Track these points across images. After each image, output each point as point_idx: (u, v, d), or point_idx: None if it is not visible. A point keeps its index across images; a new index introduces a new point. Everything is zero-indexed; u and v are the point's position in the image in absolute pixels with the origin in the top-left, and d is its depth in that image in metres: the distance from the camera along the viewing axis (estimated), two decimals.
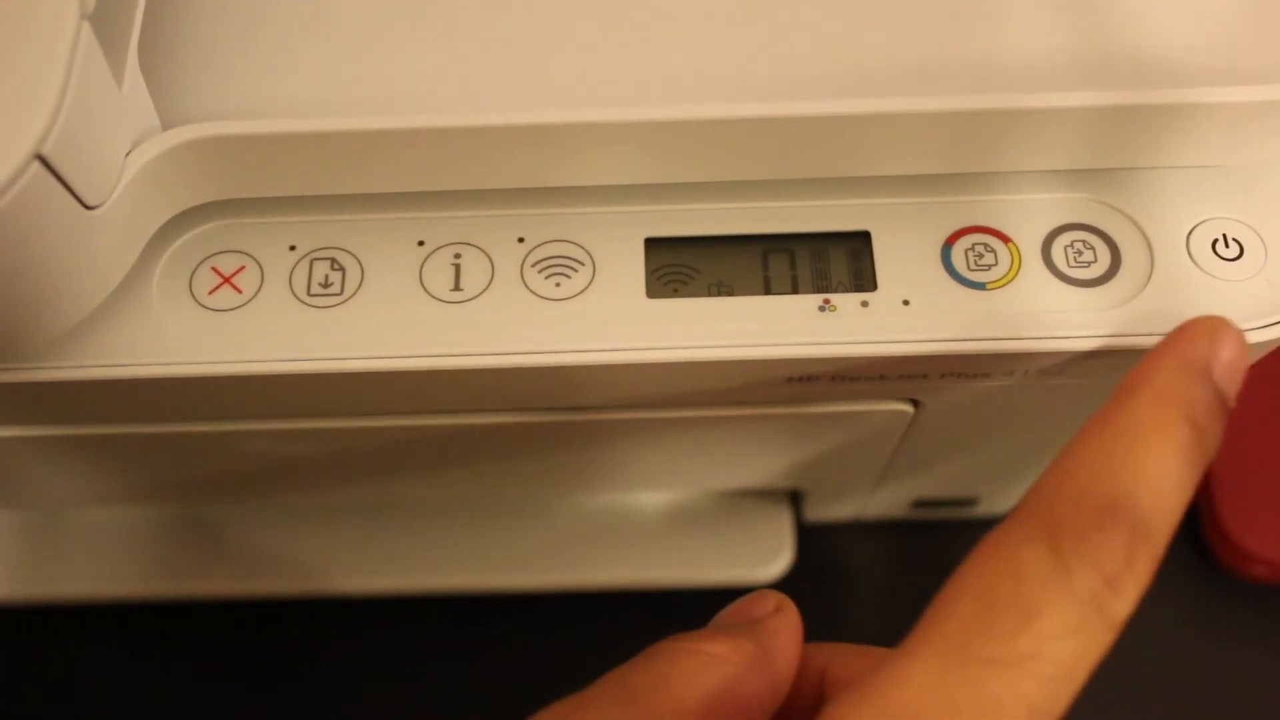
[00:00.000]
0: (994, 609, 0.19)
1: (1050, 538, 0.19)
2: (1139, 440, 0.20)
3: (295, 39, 0.26)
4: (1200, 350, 0.22)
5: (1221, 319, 0.22)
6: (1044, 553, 0.19)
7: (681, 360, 0.26)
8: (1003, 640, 0.18)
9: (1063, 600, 0.19)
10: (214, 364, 0.26)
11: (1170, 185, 0.28)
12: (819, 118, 0.25)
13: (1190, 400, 0.21)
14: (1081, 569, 0.19)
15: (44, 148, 0.20)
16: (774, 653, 0.23)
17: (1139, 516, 0.20)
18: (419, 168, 0.26)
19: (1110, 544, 0.19)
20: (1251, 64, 0.25)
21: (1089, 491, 0.20)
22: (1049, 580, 0.19)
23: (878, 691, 0.19)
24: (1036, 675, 0.18)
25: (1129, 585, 0.19)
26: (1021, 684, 0.18)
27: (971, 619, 0.19)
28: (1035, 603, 0.19)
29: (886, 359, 0.26)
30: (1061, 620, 0.19)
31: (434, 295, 0.27)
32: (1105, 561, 0.19)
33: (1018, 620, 0.19)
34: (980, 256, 0.27)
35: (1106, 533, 0.19)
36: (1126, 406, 0.21)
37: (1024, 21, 0.26)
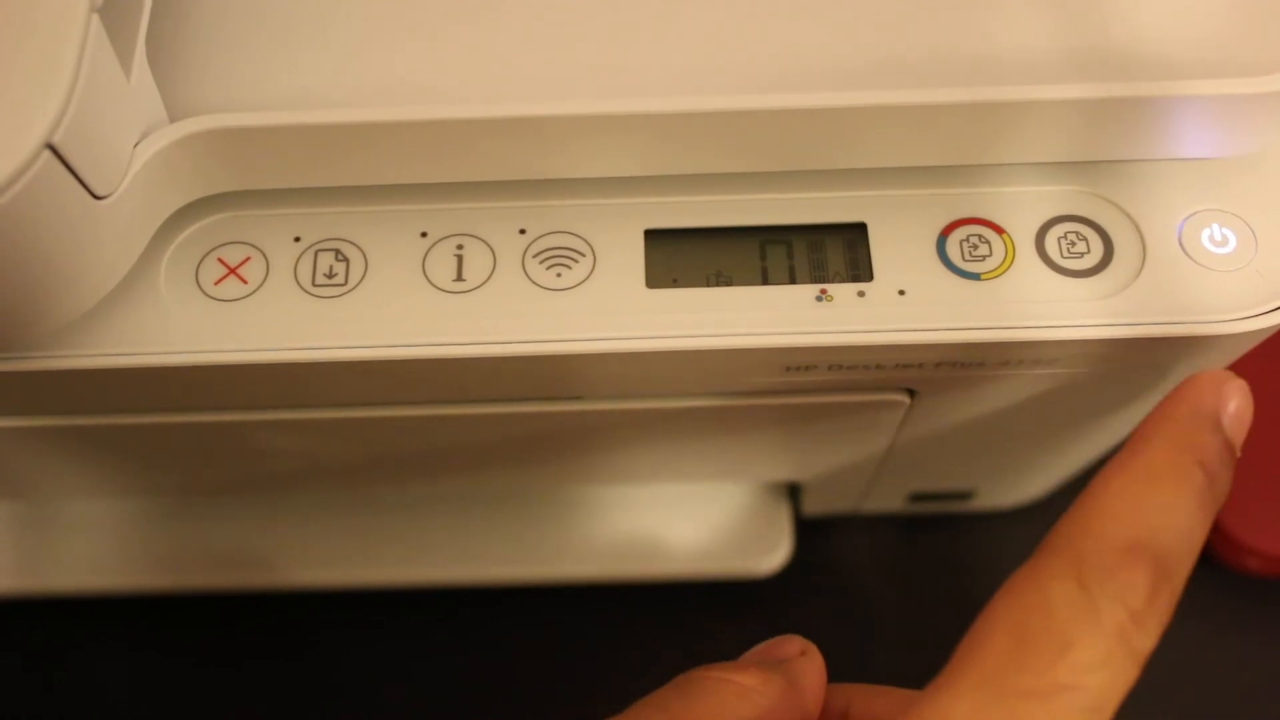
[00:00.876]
0: (1027, 643, 0.20)
1: (1078, 575, 0.20)
2: (1157, 484, 0.21)
3: (301, 32, 0.26)
4: (1209, 401, 0.23)
5: (1227, 373, 0.24)
6: (1072, 589, 0.20)
7: (680, 349, 0.27)
8: (1038, 673, 0.19)
9: (1093, 634, 0.20)
10: (219, 353, 0.26)
11: (1162, 177, 0.28)
12: (816, 110, 0.25)
13: (1203, 447, 0.22)
14: (1109, 604, 0.20)
15: (54, 138, 0.21)
16: (803, 690, 0.24)
17: (1160, 556, 0.20)
18: (422, 159, 0.26)
19: (1135, 581, 0.20)
20: (1242, 57, 0.26)
21: (1113, 532, 0.21)
22: (1079, 615, 0.20)
23: None
24: (1072, 706, 0.19)
25: (1152, 621, 0.20)
26: (1059, 715, 0.19)
27: (1006, 653, 0.20)
28: (1067, 636, 0.20)
29: (883, 348, 0.27)
30: (1093, 653, 0.19)
31: (437, 285, 0.27)
32: (1130, 598, 0.20)
33: (1052, 653, 0.19)
34: (975, 247, 0.27)
35: (1131, 571, 0.20)
36: (1144, 453, 0.22)
37: (1018, 14, 0.26)
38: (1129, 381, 0.30)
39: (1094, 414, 0.34)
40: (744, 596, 0.44)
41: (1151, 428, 0.23)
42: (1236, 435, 0.23)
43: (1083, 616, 0.20)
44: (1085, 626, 0.20)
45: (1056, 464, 0.40)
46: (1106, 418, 0.34)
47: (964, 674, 0.20)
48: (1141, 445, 0.22)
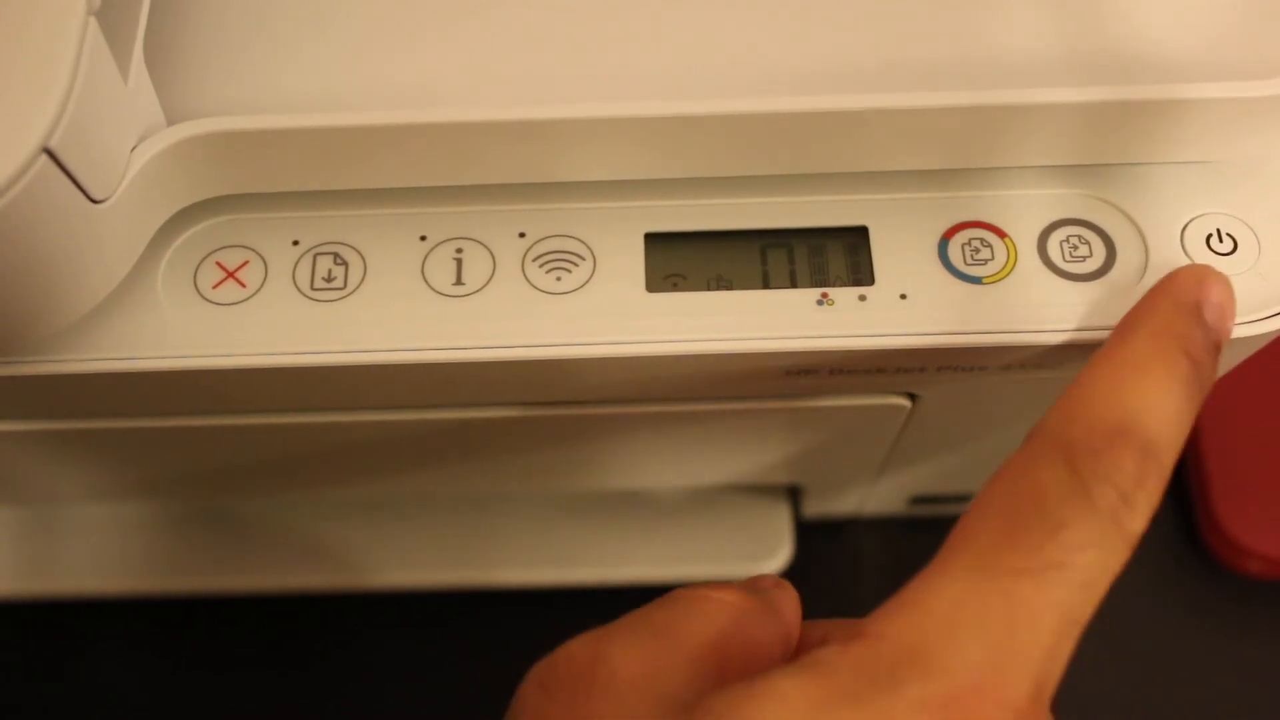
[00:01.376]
0: (1020, 524, 0.20)
1: (1067, 459, 0.21)
2: (1143, 370, 0.22)
3: (298, 35, 0.26)
4: (1191, 293, 0.23)
5: (1208, 267, 0.24)
6: (1062, 472, 0.21)
7: (681, 353, 0.26)
8: (1031, 552, 0.20)
9: (1084, 514, 0.20)
10: (217, 357, 0.26)
11: (1165, 181, 0.28)
12: (817, 113, 0.25)
13: (1186, 336, 0.23)
14: (1099, 486, 0.20)
15: (51, 141, 0.21)
16: (781, 612, 0.24)
17: (1147, 438, 0.21)
18: (421, 163, 0.26)
19: (1123, 463, 0.21)
20: (1245, 60, 0.26)
21: (1100, 416, 0.21)
22: (1069, 496, 0.20)
23: (915, 602, 0.20)
24: (1064, 583, 0.20)
25: (1141, 502, 0.21)
26: (1051, 591, 0.20)
27: (999, 534, 0.20)
28: (1058, 517, 0.20)
29: (884, 352, 0.27)
30: (1084, 532, 0.20)
31: (436, 289, 0.27)
32: (1119, 479, 0.21)
33: (1043, 533, 0.20)
34: (977, 251, 0.27)
35: (1119, 452, 0.21)
36: (1129, 341, 0.23)
37: (1020, 17, 0.26)
38: None
39: None
40: None
41: (1136, 318, 0.23)
42: (1219, 326, 0.24)
43: (1073, 497, 0.20)
44: (1076, 507, 0.20)
45: None
46: None
47: (957, 555, 0.20)
48: (1127, 334, 0.23)
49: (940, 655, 0.19)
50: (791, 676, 0.19)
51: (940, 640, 0.19)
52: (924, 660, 0.19)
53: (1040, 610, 0.20)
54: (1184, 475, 0.46)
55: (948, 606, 0.20)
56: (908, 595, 0.20)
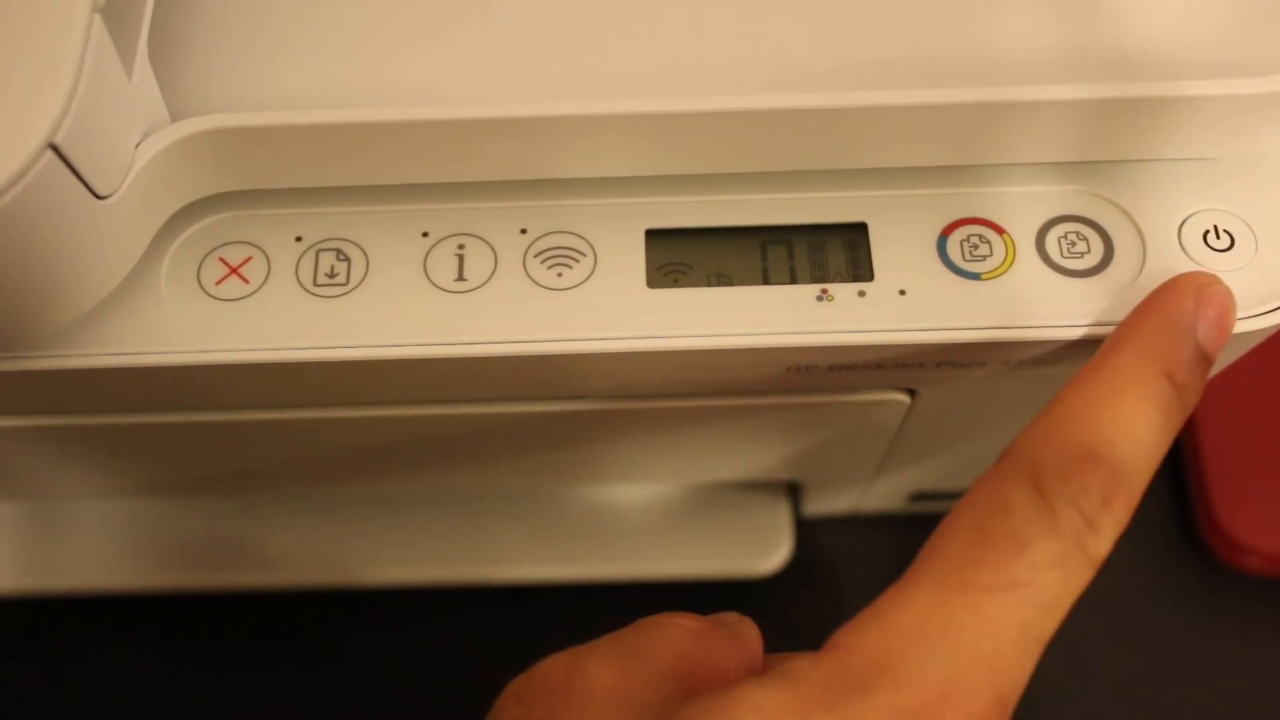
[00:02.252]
0: (986, 542, 0.21)
1: (1035, 480, 0.21)
2: (1119, 393, 0.22)
3: (302, 32, 0.26)
4: (1185, 309, 0.23)
5: (1210, 276, 0.24)
6: (1029, 493, 0.21)
7: (681, 349, 0.27)
8: (995, 569, 0.20)
9: (1048, 534, 0.21)
10: (221, 353, 0.26)
11: (1162, 177, 0.28)
12: (816, 110, 0.25)
13: (1171, 357, 0.23)
14: (1064, 508, 0.21)
15: (56, 137, 0.21)
16: (745, 638, 0.25)
17: (1116, 464, 0.21)
18: (423, 159, 0.26)
19: (1090, 487, 0.21)
20: (1242, 57, 0.26)
21: (1071, 438, 0.22)
22: (1035, 517, 0.21)
23: (882, 614, 0.21)
24: (1027, 600, 0.20)
25: (1106, 526, 0.21)
26: (1015, 608, 0.20)
27: (966, 550, 0.21)
28: (1024, 536, 0.21)
29: (883, 348, 0.27)
30: (1048, 552, 0.21)
31: (438, 285, 0.27)
32: (1085, 503, 0.21)
33: (1009, 551, 0.21)
34: (975, 247, 0.27)
35: (1086, 476, 0.21)
36: (1110, 361, 0.23)
37: (1018, 14, 0.26)
38: None
39: None
40: (744, 597, 0.44)
41: (1122, 335, 0.23)
42: (1213, 343, 0.24)
43: (1039, 518, 0.21)
44: (1041, 527, 0.21)
45: None
46: None
47: (925, 570, 0.21)
48: (1109, 354, 0.23)
49: (908, 665, 0.20)
50: (763, 686, 0.20)
51: (908, 651, 0.20)
52: (892, 670, 0.20)
53: (1003, 625, 0.20)
54: (1182, 472, 0.46)
55: (915, 619, 0.20)
56: (877, 608, 0.21)
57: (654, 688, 0.22)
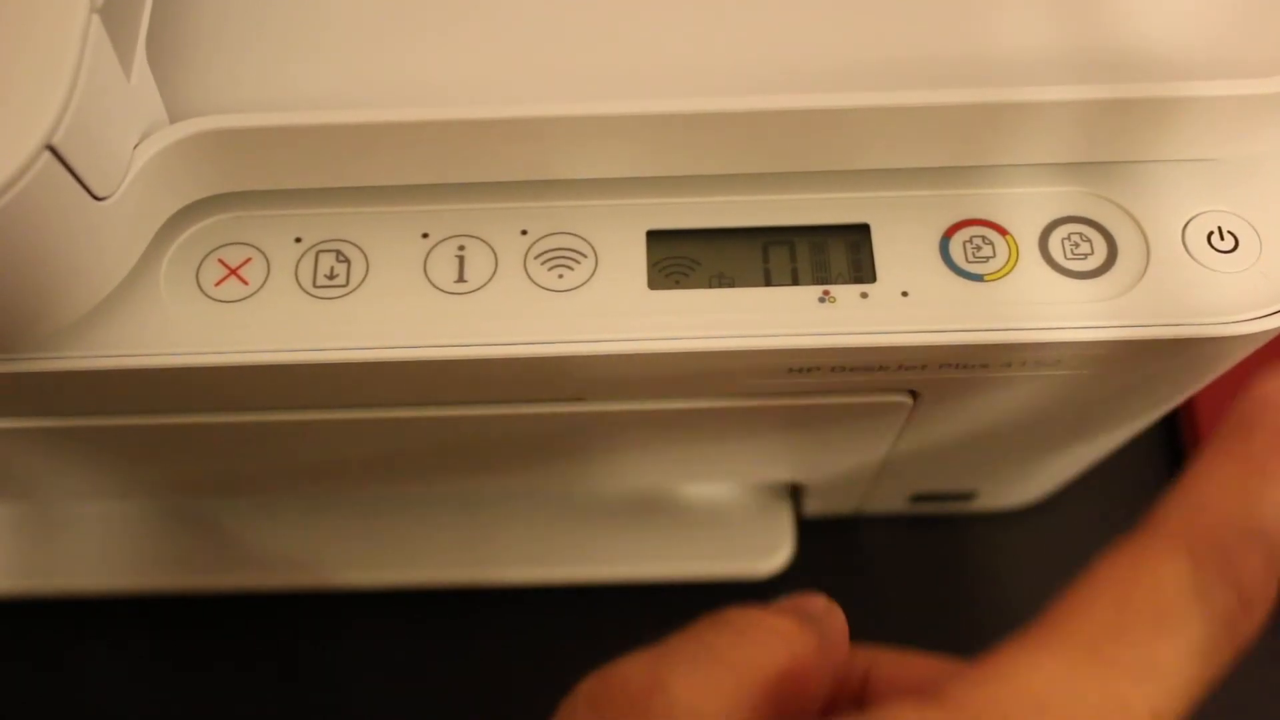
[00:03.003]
0: (1131, 615, 0.19)
1: (1192, 554, 0.20)
2: (1267, 473, 0.21)
3: (300, 33, 0.26)
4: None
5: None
6: (1185, 568, 0.20)
7: (683, 350, 0.26)
8: (1137, 646, 0.19)
9: (1202, 616, 0.19)
10: (220, 354, 0.26)
11: (1166, 178, 0.28)
12: (819, 111, 0.25)
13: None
14: (1221, 588, 0.20)
15: (54, 138, 0.21)
16: (835, 645, 0.23)
17: (1274, 542, 0.20)
18: (423, 160, 0.26)
19: (1250, 565, 0.20)
20: (1247, 58, 0.26)
21: (1229, 514, 0.20)
22: (1189, 595, 0.19)
23: (1004, 675, 0.19)
24: (1164, 686, 0.19)
25: (1259, 607, 0.20)
26: (1149, 692, 0.19)
27: (1107, 622, 0.19)
28: (1173, 615, 0.19)
29: (885, 349, 0.27)
30: (1194, 635, 0.19)
31: (438, 287, 0.27)
32: (1245, 582, 0.20)
33: (1154, 630, 0.19)
34: (978, 249, 0.27)
35: (1248, 555, 0.20)
36: (1250, 441, 0.22)
37: (1021, 15, 0.26)
38: (1132, 383, 0.30)
39: (1096, 416, 0.34)
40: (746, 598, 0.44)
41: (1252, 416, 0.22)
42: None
43: (1193, 597, 0.19)
44: (1194, 608, 0.19)
45: (1058, 465, 0.40)
46: (1109, 419, 0.34)
47: (1055, 634, 0.19)
48: (1246, 433, 0.22)
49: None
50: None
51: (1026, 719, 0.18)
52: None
53: (1135, 709, 0.19)
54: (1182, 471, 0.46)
55: (1040, 686, 0.19)
56: (998, 664, 0.19)
57: (741, 706, 0.20)
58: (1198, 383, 0.32)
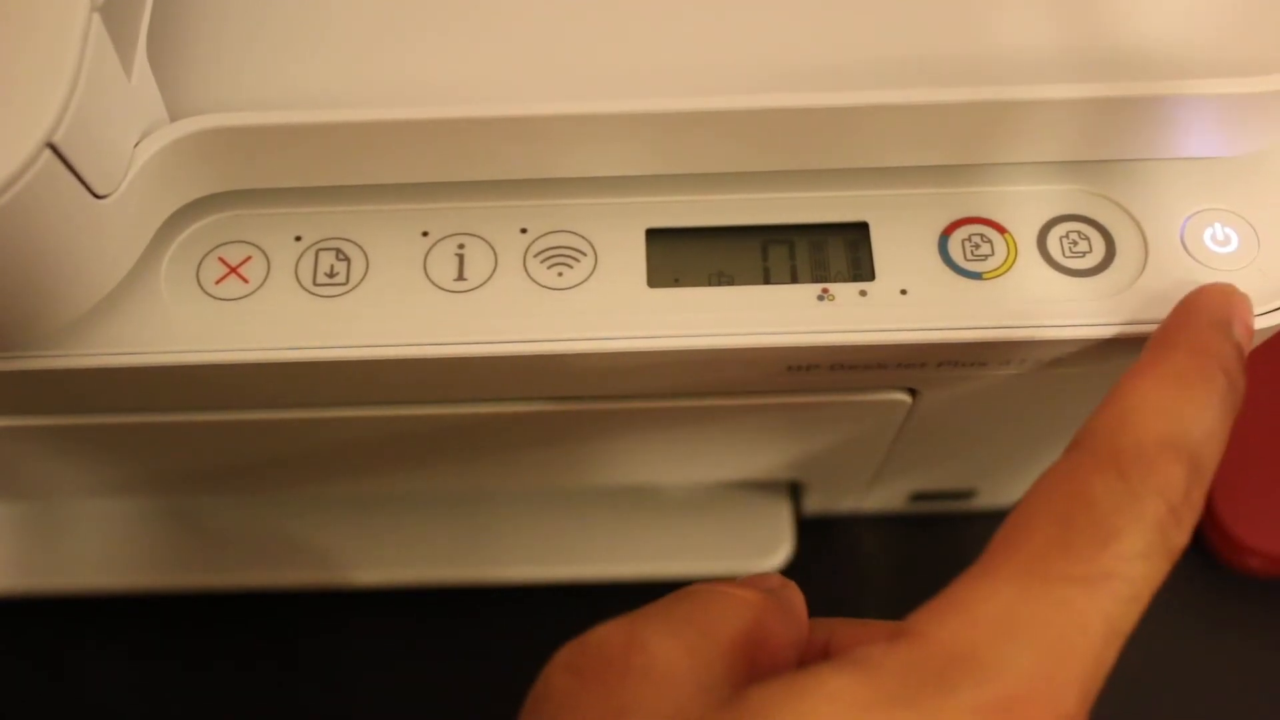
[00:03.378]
0: (1072, 531, 0.20)
1: (1119, 469, 0.21)
2: (1187, 384, 0.22)
3: (301, 31, 0.26)
4: (1222, 310, 0.24)
5: (1231, 285, 0.25)
6: (1114, 482, 0.21)
7: (682, 348, 0.27)
8: (1084, 560, 0.20)
9: (1136, 525, 0.20)
10: (220, 352, 0.26)
11: (1164, 176, 0.28)
12: (818, 109, 0.25)
13: (1222, 353, 0.23)
14: (1150, 498, 0.20)
15: (55, 136, 0.21)
16: (795, 611, 0.24)
17: (1194, 453, 0.21)
18: (423, 159, 0.26)
19: (1174, 476, 0.21)
20: (1245, 56, 0.26)
21: (1151, 429, 0.21)
22: (1122, 506, 0.20)
23: (964, 603, 0.20)
24: (1115, 594, 0.20)
25: (1187, 516, 0.21)
26: (1102, 601, 0.19)
27: (1051, 540, 0.20)
28: (1111, 526, 0.20)
29: (884, 347, 0.27)
30: (1136, 543, 0.20)
31: (438, 285, 0.27)
32: (1170, 492, 0.21)
33: (1097, 542, 0.20)
34: (977, 247, 0.27)
35: (1170, 465, 0.21)
36: (1169, 358, 0.23)
37: (1020, 13, 0.26)
38: None
39: None
40: None
41: (1173, 334, 0.24)
42: (1246, 343, 0.24)
43: (1126, 508, 0.20)
44: (1129, 517, 0.20)
45: None
46: None
47: (1007, 559, 0.20)
48: (1167, 351, 0.23)
49: (993, 660, 0.19)
50: (839, 674, 0.19)
51: (992, 644, 0.19)
52: (976, 664, 0.19)
53: (1091, 619, 0.19)
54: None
55: (999, 610, 0.19)
56: (955, 596, 0.20)
57: (719, 666, 0.21)
58: None
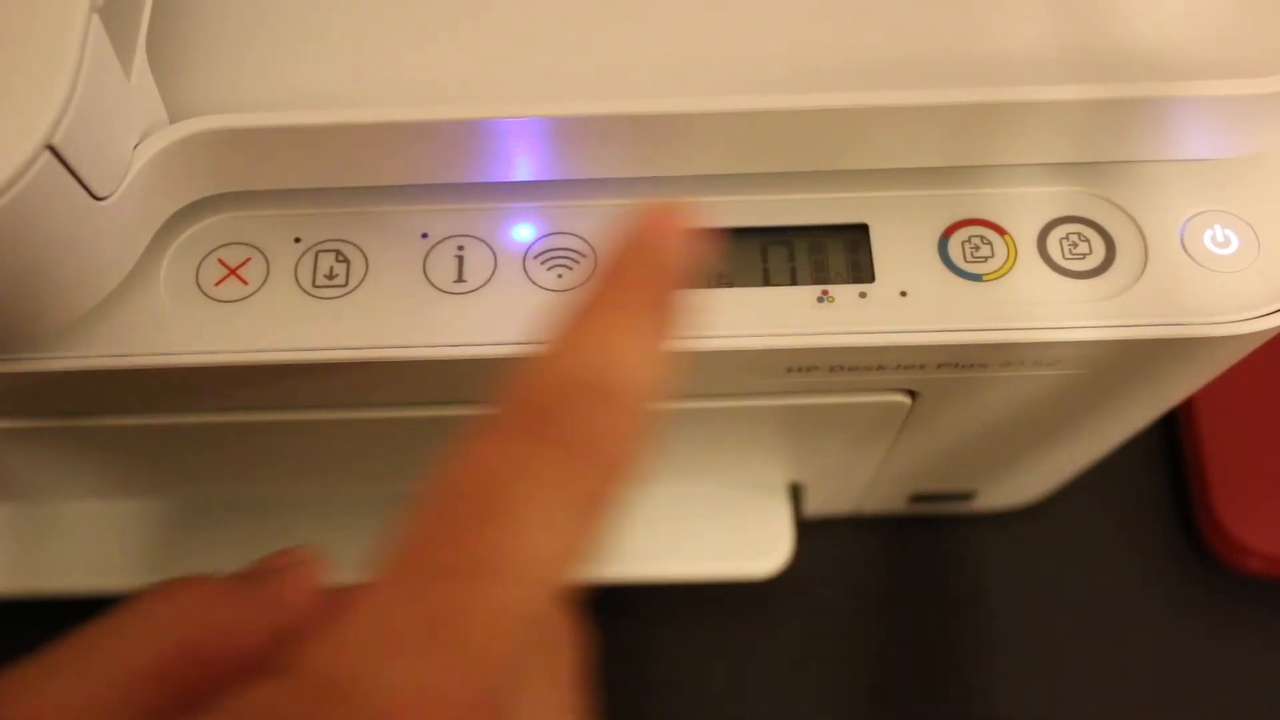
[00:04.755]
0: (454, 515, 0.17)
1: (512, 426, 0.18)
2: (599, 319, 0.19)
3: (300, 33, 0.26)
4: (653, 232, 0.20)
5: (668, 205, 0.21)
6: (507, 443, 0.18)
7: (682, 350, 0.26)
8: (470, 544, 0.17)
9: (529, 488, 0.17)
10: (219, 354, 0.26)
11: (1164, 178, 0.28)
12: (817, 111, 0.25)
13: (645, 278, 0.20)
14: (555, 453, 0.18)
15: (54, 138, 0.21)
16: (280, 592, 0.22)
17: (609, 386, 0.18)
18: (422, 160, 0.26)
19: (579, 417, 0.18)
20: (1245, 57, 0.26)
21: (554, 374, 0.18)
22: (513, 470, 0.17)
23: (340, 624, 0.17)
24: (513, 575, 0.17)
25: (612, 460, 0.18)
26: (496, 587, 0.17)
27: (431, 530, 0.17)
28: (504, 496, 0.17)
29: (884, 349, 0.27)
30: (537, 508, 0.17)
31: (437, 286, 0.27)
32: (577, 436, 0.18)
33: (482, 521, 0.17)
34: (977, 248, 0.27)
35: (574, 406, 0.18)
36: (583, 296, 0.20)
37: (1020, 15, 0.26)
38: (1130, 382, 0.30)
39: (1095, 415, 0.34)
40: (745, 597, 0.44)
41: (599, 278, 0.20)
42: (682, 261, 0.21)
43: (520, 468, 0.17)
44: (527, 484, 0.17)
45: (1057, 465, 0.40)
46: (1107, 419, 0.34)
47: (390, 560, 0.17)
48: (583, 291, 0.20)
49: (363, 680, 0.16)
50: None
51: (364, 663, 0.16)
52: (345, 689, 0.16)
53: (481, 612, 0.16)
54: (1182, 472, 0.46)
55: (372, 623, 0.17)
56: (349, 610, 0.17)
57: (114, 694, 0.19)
58: (1196, 382, 0.32)
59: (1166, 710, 0.43)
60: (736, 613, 0.44)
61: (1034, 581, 0.45)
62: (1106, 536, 0.45)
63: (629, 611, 0.44)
